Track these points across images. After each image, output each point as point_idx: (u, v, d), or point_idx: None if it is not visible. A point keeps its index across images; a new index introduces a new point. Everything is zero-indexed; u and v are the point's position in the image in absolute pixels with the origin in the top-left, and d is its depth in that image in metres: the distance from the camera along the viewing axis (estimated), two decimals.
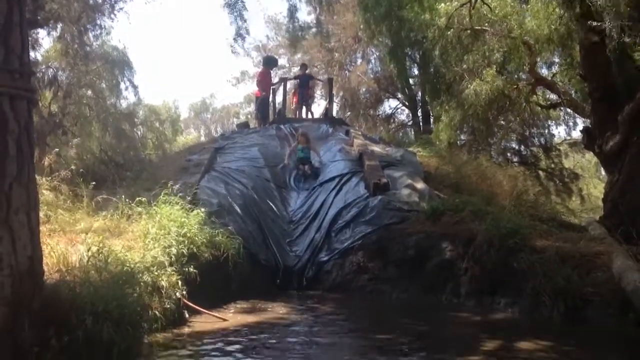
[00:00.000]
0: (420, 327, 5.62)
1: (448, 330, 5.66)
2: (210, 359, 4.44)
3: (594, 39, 9.36)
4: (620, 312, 5.47)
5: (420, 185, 9.32)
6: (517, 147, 21.84)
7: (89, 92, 23.71)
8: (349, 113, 25.10)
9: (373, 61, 24.59)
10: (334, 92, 21.46)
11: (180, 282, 5.56)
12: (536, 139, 21.35)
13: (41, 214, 4.43)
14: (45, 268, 4.06)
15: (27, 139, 3.69)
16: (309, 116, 16.29)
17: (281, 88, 16.71)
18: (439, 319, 6.17)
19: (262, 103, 15.45)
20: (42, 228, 4.36)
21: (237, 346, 4.79)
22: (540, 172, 20.53)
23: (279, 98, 16.58)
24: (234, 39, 14.59)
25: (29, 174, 3.68)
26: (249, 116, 31.44)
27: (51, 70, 21.16)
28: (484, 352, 4.74)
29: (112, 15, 19.38)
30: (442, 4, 12.79)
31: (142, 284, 4.88)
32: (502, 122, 17.74)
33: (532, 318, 5.95)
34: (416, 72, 20.98)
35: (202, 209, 7.12)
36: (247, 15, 14.17)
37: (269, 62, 16.95)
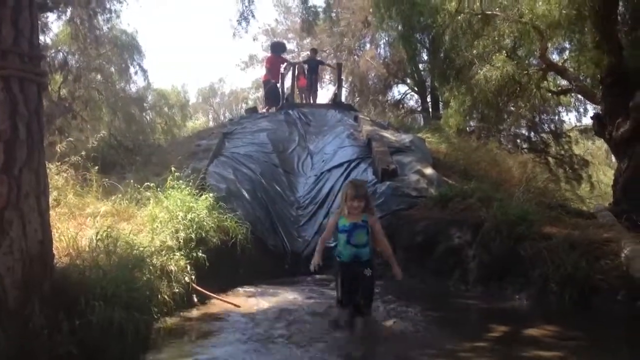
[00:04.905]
0: (428, 312, 5.63)
1: (455, 316, 5.66)
2: (219, 343, 4.47)
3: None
4: (629, 299, 5.45)
5: (429, 171, 9.29)
6: (527, 134, 21.78)
7: (99, 76, 23.77)
8: (357, 98, 25.06)
9: (382, 46, 24.51)
10: (343, 77, 21.38)
11: (189, 267, 5.60)
12: (546, 125, 21.28)
13: (51, 198, 4.46)
14: (55, 252, 4.10)
15: (37, 123, 3.70)
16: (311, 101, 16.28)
17: (289, 73, 16.64)
18: (446, 304, 6.18)
19: (270, 89, 15.40)
20: (52, 212, 4.39)
21: (246, 330, 4.82)
22: (550, 159, 20.45)
23: (287, 83, 16.52)
24: (238, 21, 14.46)
25: (39, 158, 3.70)
26: (258, 101, 31.40)
27: (61, 54, 21.22)
28: (491, 338, 4.76)
29: None
30: None
31: (151, 268, 4.92)
32: (512, 108, 17.64)
33: (540, 305, 5.93)
34: (426, 57, 20.85)
35: (211, 194, 7.14)
36: None
37: (277, 48, 16.87)
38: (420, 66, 21.69)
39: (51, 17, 19.39)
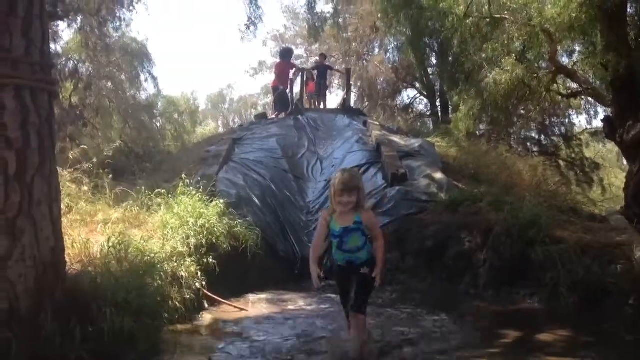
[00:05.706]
0: (438, 316, 5.62)
1: (466, 320, 5.64)
2: (231, 349, 4.47)
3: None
4: None
5: (438, 175, 9.27)
6: (537, 137, 21.70)
7: (109, 84, 23.92)
8: (366, 103, 25.09)
9: (391, 51, 24.52)
10: (352, 82, 21.41)
11: (199, 273, 5.62)
12: (556, 128, 21.20)
13: (63, 205, 4.49)
14: (67, 259, 4.12)
15: (49, 131, 3.73)
16: (321, 106, 16.33)
17: (299, 78, 16.67)
18: (457, 309, 6.15)
19: (280, 95, 15.44)
20: (64, 219, 4.42)
21: (258, 336, 4.82)
22: (561, 162, 20.34)
23: (296, 89, 16.56)
24: (246, 25, 14.53)
25: (50, 166, 3.73)
26: (267, 107, 31.51)
27: (71, 62, 21.38)
28: (503, 343, 4.74)
29: (131, 7, 19.58)
30: None
31: (162, 274, 4.93)
32: (522, 111, 17.57)
33: (551, 309, 5.90)
34: (434, 61, 20.85)
35: (221, 200, 7.17)
36: (262, 2, 14.28)
37: (286, 55, 16.93)
38: (429, 70, 21.72)
39: (62, 25, 19.65)
